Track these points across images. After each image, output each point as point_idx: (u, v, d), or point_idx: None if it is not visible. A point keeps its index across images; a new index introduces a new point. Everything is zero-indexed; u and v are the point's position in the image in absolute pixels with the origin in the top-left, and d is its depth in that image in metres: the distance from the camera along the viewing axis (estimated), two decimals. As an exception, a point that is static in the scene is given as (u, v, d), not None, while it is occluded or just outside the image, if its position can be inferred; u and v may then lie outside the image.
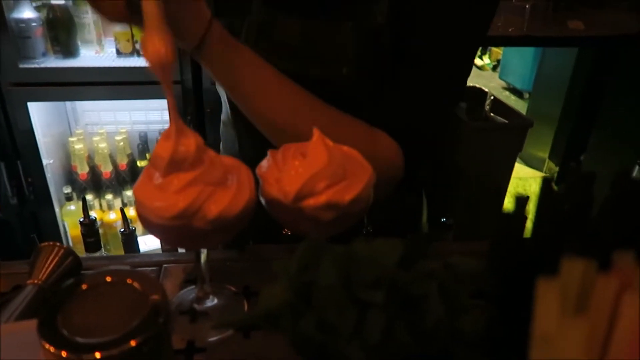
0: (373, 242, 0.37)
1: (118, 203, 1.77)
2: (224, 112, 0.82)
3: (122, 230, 1.16)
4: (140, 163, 1.80)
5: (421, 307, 0.34)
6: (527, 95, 3.73)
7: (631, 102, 2.01)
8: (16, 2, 1.44)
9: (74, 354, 0.34)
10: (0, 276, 0.61)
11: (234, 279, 0.61)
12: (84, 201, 1.02)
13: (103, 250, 1.69)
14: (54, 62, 1.52)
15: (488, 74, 4.48)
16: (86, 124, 1.88)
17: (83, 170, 1.72)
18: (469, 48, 0.65)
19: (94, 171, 1.76)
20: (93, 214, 1.58)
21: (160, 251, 1.41)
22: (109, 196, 1.72)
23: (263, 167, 0.52)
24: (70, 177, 1.79)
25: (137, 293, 0.39)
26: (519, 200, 0.28)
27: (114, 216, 1.75)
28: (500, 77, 4.17)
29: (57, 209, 1.73)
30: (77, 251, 0.66)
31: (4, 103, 1.49)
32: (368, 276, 0.35)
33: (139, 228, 1.65)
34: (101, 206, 1.80)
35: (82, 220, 1.10)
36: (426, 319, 0.34)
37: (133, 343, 0.35)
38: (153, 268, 0.63)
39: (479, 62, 4.60)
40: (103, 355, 0.35)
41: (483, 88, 2.14)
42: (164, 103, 0.46)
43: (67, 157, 1.79)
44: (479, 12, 0.62)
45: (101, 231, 1.69)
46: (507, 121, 1.93)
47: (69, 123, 1.86)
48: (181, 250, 0.68)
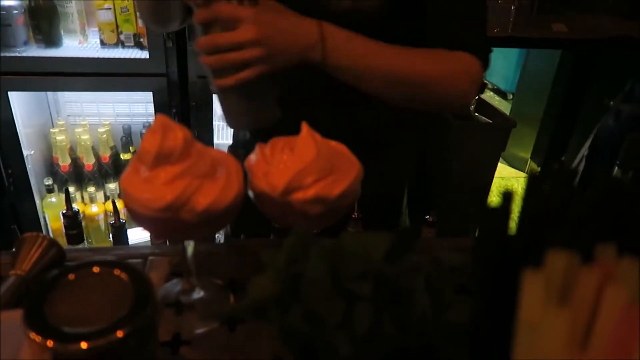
0: (361, 236, 0.37)
1: (100, 196, 1.75)
2: None
3: (112, 222, 1.15)
4: (123, 156, 1.77)
5: (407, 300, 0.35)
6: (511, 96, 3.78)
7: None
8: (-3, -11, 1.41)
9: (60, 344, 0.34)
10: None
11: (220, 272, 0.61)
12: (67, 193, 1.00)
13: (85, 243, 1.66)
14: (36, 52, 1.49)
15: (473, 74, 4.52)
16: (68, 115, 1.84)
17: (65, 162, 1.69)
18: None
19: (76, 163, 1.73)
20: (75, 207, 1.55)
21: (148, 244, 1.39)
22: (91, 189, 1.70)
23: (251, 161, 0.52)
24: (51, 169, 1.76)
25: (124, 284, 0.39)
26: (505, 195, 0.28)
27: (97, 209, 1.72)
28: (485, 78, 4.21)
29: (38, 201, 1.70)
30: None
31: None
32: (355, 269, 0.35)
33: (129, 221, 1.63)
34: (83, 199, 1.77)
35: (65, 212, 1.08)
36: (412, 312, 0.35)
37: (120, 334, 0.35)
38: (138, 260, 0.62)
39: (464, 62, 4.63)
40: (89, 345, 0.34)
41: (468, 88, 2.16)
42: (149, 96, 0.46)
43: (49, 149, 1.76)
44: None
45: (83, 224, 1.67)
46: (492, 121, 1.96)
47: (51, 114, 1.82)
48: (167, 242, 0.68)
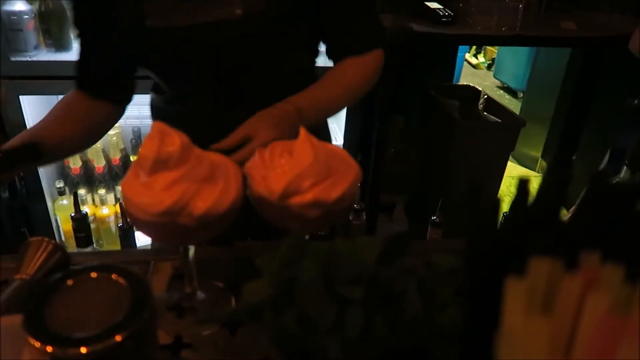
0: (354, 240, 0.38)
1: (111, 198, 1.77)
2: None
3: (120, 225, 1.16)
4: (133, 158, 1.79)
5: (400, 303, 0.35)
6: (521, 94, 3.75)
7: (621, 103, 2.02)
8: (8, -5, 1.43)
9: (60, 349, 0.35)
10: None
11: (222, 275, 0.61)
12: (75, 196, 1.02)
13: (95, 245, 1.68)
14: (46, 56, 1.51)
15: (483, 73, 4.50)
16: (79, 119, 1.87)
17: (75, 164, 1.71)
18: None
19: (87, 166, 1.75)
20: (85, 209, 1.58)
21: (154, 246, 1.41)
22: (102, 191, 1.72)
23: (250, 165, 0.52)
24: (62, 171, 1.78)
25: (122, 288, 0.39)
26: (495, 201, 0.28)
27: (107, 211, 1.74)
28: (494, 76, 4.18)
29: (50, 203, 1.72)
30: (69, 246, 0.67)
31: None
32: (348, 273, 0.35)
33: (134, 223, 1.64)
34: (94, 201, 1.80)
35: (74, 215, 1.09)
36: (404, 315, 0.35)
37: (118, 338, 0.36)
38: (141, 264, 0.63)
39: (474, 61, 4.61)
40: (89, 350, 0.35)
41: (477, 87, 2.15)
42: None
43: (60, 152, 1.78)
44: None
45: (93, 226, 1.69)
46: (500, 120, 1.94)
47: (62, 117, 1.85)
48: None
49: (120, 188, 1.89)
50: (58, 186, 1.65)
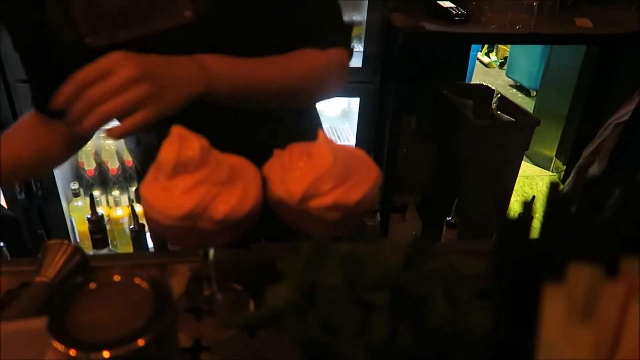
0: (378, 243, 0.37)
1: (125, 199, 1.78)
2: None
3: (132, 227, 1.17)
4: (146, 160, 1.80)
5: (425, 308, 0.35)
6: (535, 93, 3.71)
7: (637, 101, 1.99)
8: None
9: (83, 352, 0.35)
10: (8, 273, 0.61)
11: (240, 278, 0.61)
12: (92, 198, 1.02)
13: (110, 246, 1.70)
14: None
15: (495, 72, 4.46)
16: (93, 121, 1.88)
17: (90, 166, 1.73)
18: None
19: (101, 167, 1.77)
20: (100, 210, 1.59)
21: (168, 248, 1.41)
22: (116, 192, 1.73)
23: (269, 167, 0.52)
24: (77, 173, 1.80)
25: (144, 292, 0.39)
26: (525, 204, 0.28)
27: (121, 212, 1.76)
28: (507, 75, 4.14)
29: (65, 205, 1.74)
30: (85, 247, 0.67)
31: (12, 99, 1.50)
32: (372, 277, 0.35)
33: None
34: (108, 202, 1.81)
35: (90, 217, 1.10)
36: (430, 320, 0.34)
37: (141, 342, 0.36)
38: (159, 267, 0.63)
39: (486, 60, 4.57)
40: (112, 354, 0.35)
41: (490, 86, 2.13)
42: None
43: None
44: None
45: (108, 227, 1.70)
46: (514, 119, 1.92)
47: (76, 119, 1.87)
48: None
49: (134, 189, 1.89)
50: (73, 187, 1.66)
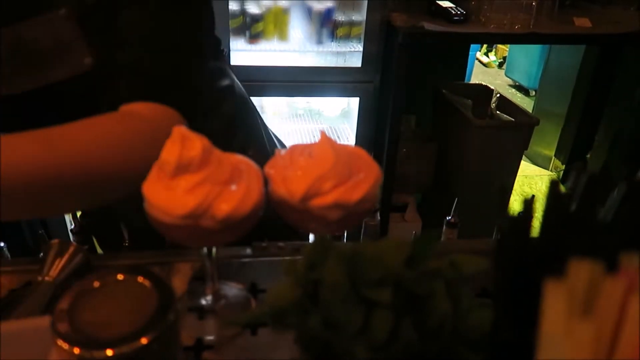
0: (379, 241, 0.37)
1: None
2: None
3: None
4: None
5: (427, 306, 0.35)
6: (534, 92, 3.72)
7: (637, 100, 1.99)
8: None
9: (87, 351, 0.35)
10: (10, 272, 0.62)
11: (242, 276, 0.61)
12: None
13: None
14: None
15: (494, 71, 4.47)
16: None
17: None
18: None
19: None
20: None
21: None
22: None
23: (270, 166, 0.52)
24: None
25: (147, 291, 0.40)
26: (526, 203, 0.28)
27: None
28: (506, 75, 4.15)
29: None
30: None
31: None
32: (374, 275, 0.35)
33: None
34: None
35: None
36: (432, 318, 0.34)
37: (144, 341, 0.36)
38: (161, 265, 0.63)
39: (485, 60, 4.58)
40: (115, 352, 0.35)
41: (489, 86, 2.13)
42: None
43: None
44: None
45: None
46: (513, 119, 1.93)
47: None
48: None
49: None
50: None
